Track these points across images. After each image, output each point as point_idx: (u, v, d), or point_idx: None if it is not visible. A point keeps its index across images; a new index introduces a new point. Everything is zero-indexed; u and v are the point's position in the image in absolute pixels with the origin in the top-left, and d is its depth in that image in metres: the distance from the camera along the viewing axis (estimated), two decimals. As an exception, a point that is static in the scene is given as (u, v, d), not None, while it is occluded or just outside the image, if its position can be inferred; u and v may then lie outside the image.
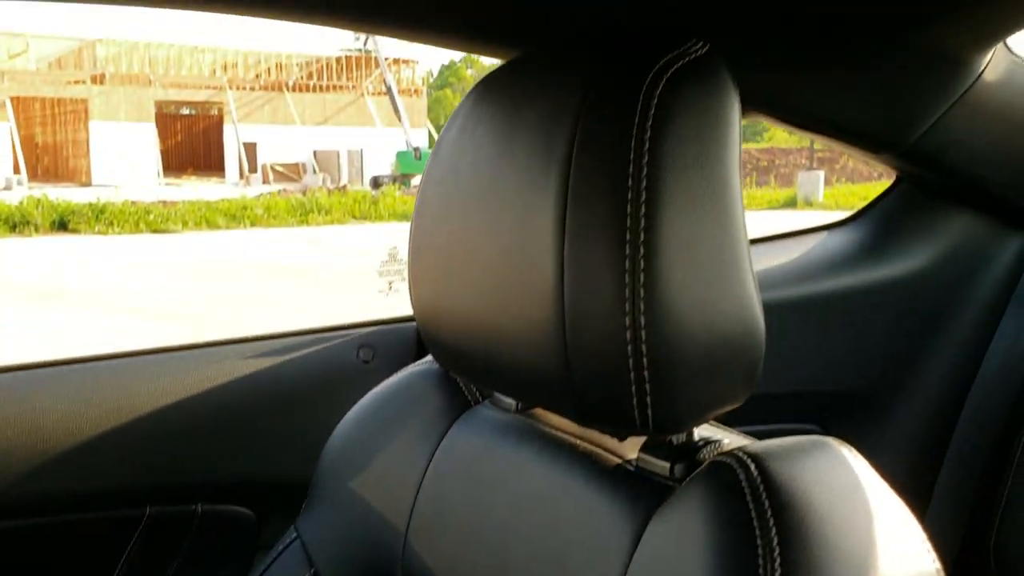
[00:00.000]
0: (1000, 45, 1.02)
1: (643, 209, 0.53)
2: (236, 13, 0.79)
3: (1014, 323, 1.26)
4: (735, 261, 0.56)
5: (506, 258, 0.61)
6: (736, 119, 0.58)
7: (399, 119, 25.28)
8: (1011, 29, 0.96)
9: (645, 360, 0.54)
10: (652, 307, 0.53)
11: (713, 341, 0.55)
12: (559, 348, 0.57)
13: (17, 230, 14.49)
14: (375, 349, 1.12)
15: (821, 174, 19.36)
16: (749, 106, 0.99)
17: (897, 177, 1.26)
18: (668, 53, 0.57)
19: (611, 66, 0.58)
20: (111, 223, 15.05)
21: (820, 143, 1.21)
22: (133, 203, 16.58)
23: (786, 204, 18.62)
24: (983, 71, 1.01)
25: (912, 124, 1.02)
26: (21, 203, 15.29)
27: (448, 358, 0.74)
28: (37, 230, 14.57)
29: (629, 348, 0.54)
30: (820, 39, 0.91)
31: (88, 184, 24.55)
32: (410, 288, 0.75)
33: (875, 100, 0.99)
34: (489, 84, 0.69)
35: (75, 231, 14.81)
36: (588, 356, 0.56)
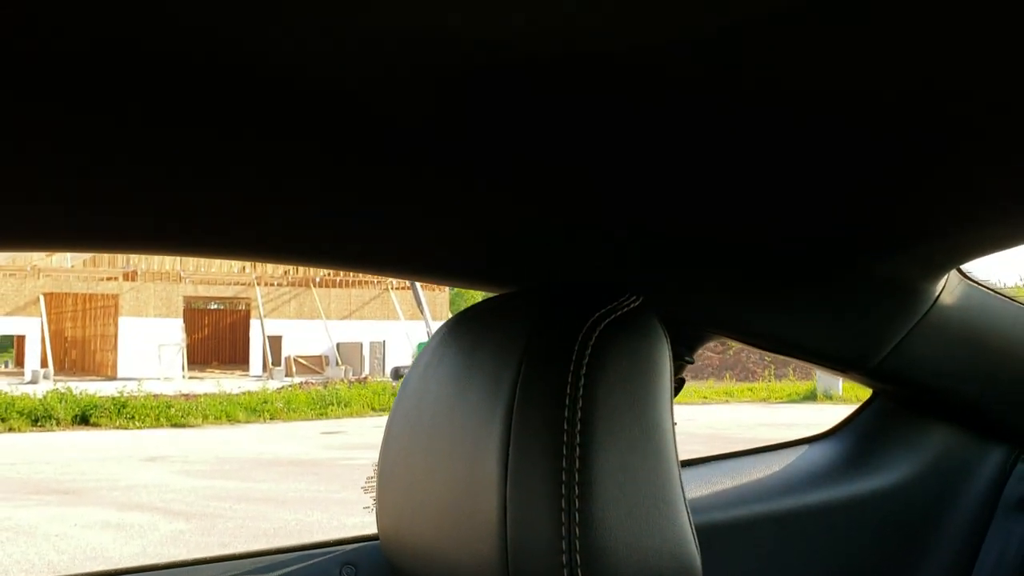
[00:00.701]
0: (953, 270, 1.08)
1: (577, 451, 0.58)
2: (240, 259, 0.87)
3: (1001, 534, 1.25)
4: (668, 500, 0.60)
5: (458, 494, 0.64)
6: (667, 365, 0.63)
7: (421, 312, 25.78)
8: (962, 259, 1.03)
9: None
10: (587, 547, 0.56)
11: None
12: None
13: (39, 424, 14.59)
14: (357, 567, 1.12)
15: (841, 367, 19.13)
16: (711, 329, 1.05)
17: (874, 391, 1.30)
18: (604, 306, 0.62)
19: (552, 316, 0.64)
20: (132, 417, 15.15)
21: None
22: (155, 397, 16.73)
23: (806, 397, 18.52)
24: (939, 295, 1.07)
25: (874, 347, 1.07)
26: (45, 397, 15.47)
27: None
28: (59, 424, 14.66)
29: None
30: (772, 273, 0.97)
31: (114, 378, 24.85)
32: (377, 515, 0.78)
33: (834, 325, 1.04)
34: (452, 326, 0.75)
35: (96, 425, 14.89)
36: None
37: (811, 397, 18.41)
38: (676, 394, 1.05)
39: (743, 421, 14.92)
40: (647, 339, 0.62)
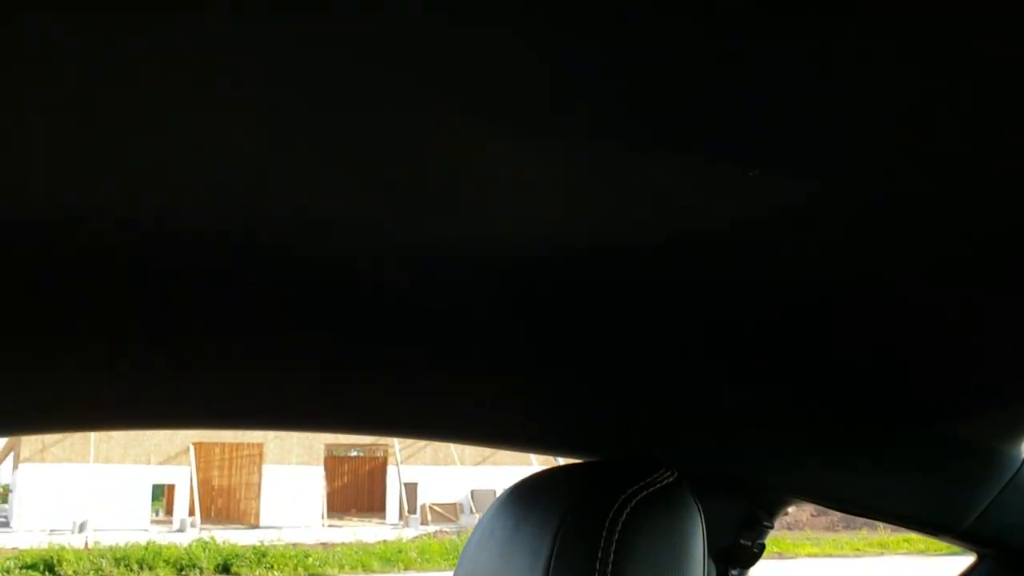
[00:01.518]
0: (1041, 431, 1.04)
1: None
2: (291, 430, 0.94)
3: None
4: None
5: None
6: (699, 540, 0.64)
7: (554, 458, 25.47)
8: None
9: None
10: None
11: None
12: None
13: (183, 573, 15.01)
14: None
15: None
16: (791, 494, 1.04)
17: (978, 554, 1.24)
18: (637, 482, 0.65)
19: (588, 492, 0.67)
20: (272, 566, 15.39)
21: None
22: (294, 546, 16.98)
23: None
24: None
25: (960, 511, 1.03)
26: (190, 546, 15.94)
27: None
28: (202, 573, 15.03)
29: None
30: (847, 438, 0.97)
31: (256, 525, 25.38)
32: None
33: (914, 489, 1.02)
34: (504, 499, 0.78)
35: (237, 574, 15.19)
36: None
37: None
38: (756, 560, 1.04)
39: None
40: (678, 515, 0.64)
